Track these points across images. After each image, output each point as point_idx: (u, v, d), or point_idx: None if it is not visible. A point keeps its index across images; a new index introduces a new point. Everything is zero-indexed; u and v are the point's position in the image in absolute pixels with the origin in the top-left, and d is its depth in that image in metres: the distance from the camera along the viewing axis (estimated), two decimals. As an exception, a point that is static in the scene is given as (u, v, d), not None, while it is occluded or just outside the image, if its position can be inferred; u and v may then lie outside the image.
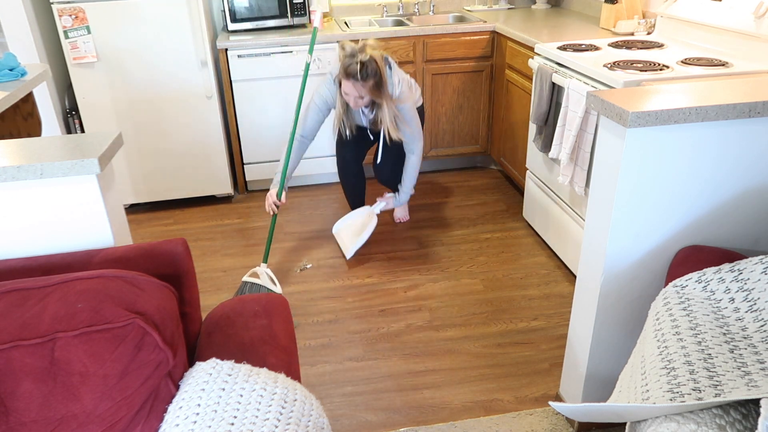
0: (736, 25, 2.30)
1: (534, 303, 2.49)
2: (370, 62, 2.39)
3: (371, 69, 2.40)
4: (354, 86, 2.44)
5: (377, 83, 2.45)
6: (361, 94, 2.47)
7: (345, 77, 2.44)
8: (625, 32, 2.92)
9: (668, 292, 1.39)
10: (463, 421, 1.92)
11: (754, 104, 1.42)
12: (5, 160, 1.31)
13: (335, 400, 2.03)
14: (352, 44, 2.43)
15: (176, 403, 1.13)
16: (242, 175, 3.55)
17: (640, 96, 1.48)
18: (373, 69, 2.41)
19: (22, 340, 1.06)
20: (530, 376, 2.10)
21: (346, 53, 2.42)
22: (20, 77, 2.21)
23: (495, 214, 3.24)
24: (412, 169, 2.79)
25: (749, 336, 1.24)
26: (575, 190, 2.40)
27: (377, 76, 2.44)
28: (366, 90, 2.46)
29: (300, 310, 2.51)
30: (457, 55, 3.40)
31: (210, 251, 2.99)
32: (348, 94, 2.51)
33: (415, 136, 2.70)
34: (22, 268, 1.29)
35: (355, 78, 2.40)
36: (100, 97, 3.16)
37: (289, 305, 1.50)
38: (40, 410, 1.06)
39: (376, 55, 2.43)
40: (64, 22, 2.97)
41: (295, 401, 1.15)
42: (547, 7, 3.88)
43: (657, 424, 1.10)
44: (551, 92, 2.58)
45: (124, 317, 1.09)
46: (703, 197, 1.54)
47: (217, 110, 3.29)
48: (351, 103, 2.54)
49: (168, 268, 1.31)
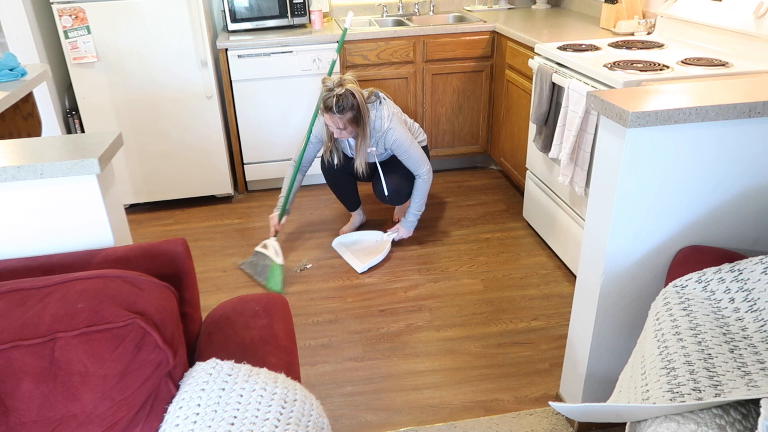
0: (736, 25, 2.30)
1: (534, 303, 2.49)
2: (345, 96, 2.50)
3: (347, 102, 2.51)
4: (332, 119, 2.57)
5: (355, 117, 2.57)
6: (339, 126, 2.59)
7: (324, 110, 2.56)
8: (625, 32, 2.92)
9: (668, 292, 1.39)
10: (463, 421, 1.92)
11: (754, 104, 1.42)
12: (5, 160, 1.31)
13: (335, 400, 2.03)
14: (331, 79, 2.56)
15: (176, 403, 1.13)
16: (242, 175, 3.55)
17: (640, 96, 1.48)
18: (349, 103, 2.52)
19: (22, 340, 1.06)
20: (530, 376, 2.10)
21: (326, 87, 2.54)
22: (20, 77, 2.21)
23: (495, 214, 3.24)
24: (419, 192, 2.84)
25: (749, 336, 1.24)
26: (575, 190, 2.40)
27: (354, 109, 2.55)
28: (343, 122, 2.57)
29: (300, 310, 2.51)
30: (457, 55, 3.40)
31: (210, 251, 2.99)
32: (330, 126, 2.62)
33: (419, 162, 2.77)
34: (22, 268, 1.29)
35: (332, 111, 2.53)
36: (100, 97, 3.16)
37: (289, 305, 1.51)
38: (40, 410, 1.06)
39: (354, 89, 2.54)
40: (64, 22, 2.97)
41: (295, 401, 1.15)
42: (547, 7, 3.88)
43: (657, 424, 1.10)
44: (551, 92, 2.58)
45: (124, 317, 1.09)
46: (702, 197, 1.54)
47: (217, 110, 3.29)
48: (335, 133, 2.65)
49: (168, 268, 1.31)
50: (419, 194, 2.84)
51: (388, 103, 2.70)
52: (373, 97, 2.65)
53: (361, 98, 2.55)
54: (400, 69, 3.39)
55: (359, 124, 2.60)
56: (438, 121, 3.57)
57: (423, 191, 2.83)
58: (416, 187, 2.83)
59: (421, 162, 2.76)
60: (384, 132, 2.66)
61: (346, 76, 2.57)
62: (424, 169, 2.78)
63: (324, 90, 2.54)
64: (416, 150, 2.75)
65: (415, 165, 2.76)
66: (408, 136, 2.72)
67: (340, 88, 2.51)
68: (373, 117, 2.64)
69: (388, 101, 2.71)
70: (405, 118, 2.87)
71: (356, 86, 2.56)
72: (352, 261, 2.83)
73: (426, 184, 2.82)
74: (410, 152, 2.73)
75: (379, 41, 3.31)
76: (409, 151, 2.72)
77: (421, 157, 2.76)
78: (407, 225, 2.90)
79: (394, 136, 2.67)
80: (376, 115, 2.64)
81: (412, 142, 2.74)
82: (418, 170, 2.78)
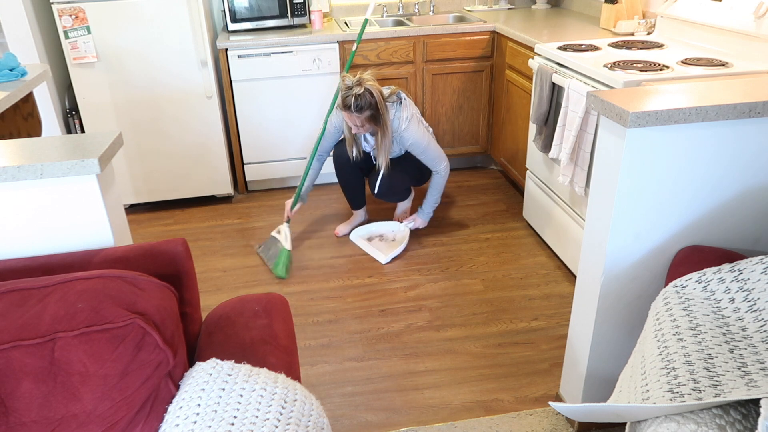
0: (736, 25, 2.30)
1: (534, 303, 2.49)
2: (363, 95, 2.53)
3: (365, 102, 2.54)
4: (350, 117, 2.60)
5: (373, 116, 2.60)
6: (357, 124, 2.62)
7: (343, 108, 2.59)
8: (625, 32, 2.92)
9: (668, 292, 1.39)
10: (463, 421, 1.92)
11: (754, 104, 1.42)
12: (5, 160, 1.31)
13: (335, 400, 2.03)
14: (350, 77, 2.58)
15: (176, 403, 1.13)
16: (242, 175, 3.55)
17: (640, 96, 1.48)
18: (367, 102, 2.55)
19: (22, 340, 1.06)
20: (530, 376, 2.10)
21: (345, 85, 2.57)
22: (20, 77, 2.21)
23: (495, 214, 3.24)
24: (437, 186, 2.93)
25: (749, 336, 1.24)
26: (575, 190, 2.40)
27: (373, 108, 2.58)
28: (361, 120, 2.60)
29: (300, 310, 2.51)
30: (457, 55, 3.40)
31: (210, 251, 2.99)
32: (348, 122, 2.66)
33: (437, 159, 2.83)
34: (22, 268, 1.29)
35: (350, 110, 2.56)
36: (100, 97, 3.16)
37: (289, 305, 1.51)
38: (40, 410, 1.06)
39: (373, 87, 2.56)
40: (64, 22, 2.97)
41: (295, 401, 1.15)
42: (547, 7, 3.88)
43: (657, 424, 1.10)
44: (551, 92, 2.58)
45: (124, 317, 1.09)
46: (702, 197, 1.54)
47: (217, 110, 3.29)
48: (354, 129, 2.68)
49: (168, 268, 1.31)
50: (436, 188, 2.93)
51: (408, 104, 2.74)
52: (394, 97, 2.68)
53: (380, 97, 2.58)
54: (400, 69, 3.39)
55: (378, 123, 2.63)
56: (438, 121, 3.58)
57: (440, 185, 2.92)
58: (434, 181, 2.91)
59: (439, 159, 2.83)
60: (400, 133, 2.71)
61: (365, 74, 2.60)
62: (442, 166, 2.85)
63: (343, 87, 2.57)
64: (434, 148, 2.81)
65: (433, 162, 2.83)
66: (425, 137, 2.77)
67: (359, 87, 2.53)
68: (391, 117, 2.67)
69: (408, 102, 2.75)
70: (424, 123, 2.90)
71: (375, 84, 2.59)
72: (374, 253, 2.88)
73: (444, 179, 2.90)
74: (428, 152, 2.79)
75: (379, 41, 3.31)
76: (428, 151, 2.79)
77: (440, 155, 2.83)
78: (423, 216, 3.00)
79: (411, 139, 2.73)
80: (394, 116, 2.68)
81: (430, 141, 2.79)
82: (436, 167, 2.85)
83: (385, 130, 2.67)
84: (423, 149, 2.77)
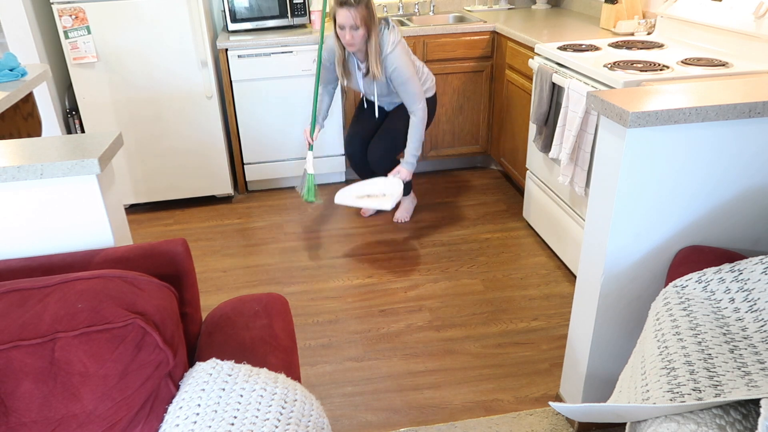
0: (736, 25, 2.30)
1: (534, 303, 2.49)
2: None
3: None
4: (348, 14, 2.57)
5: (367, 6, 2.60)
6: (352, 24, 2.59)
7: (339, 6, 2.58)
8: (625, 32, 2.92)
9: (668, 292, 1.39)
10: (463, 421, 1.92)
11: (754, 104, 1.42)
12: (5, 160, 1.31)
13: (335, 400, 2.03)
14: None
15: (176, 404, 1.13)
16: (242, 175, 3.55)
17: (640, 96, 1.48)
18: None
19: (22, 340, 1.06)
20: (530, 376, 2.10)
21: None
22: (20, 77, 2.21)
23: (495, 214, 3.24)
24: (415, 131, 2.83)
25: (749, 336, 1.24)
26: (575, 190, 2.40)
27: (368, 4, 2.60)
28: (358, 17, 2.58)
29: (300, 310, 2.51)
30: (457, 55, 3.40)
31: (210, 251, 2.99)
32: (344, 28, 2.61)
33: (416, 97, 2.77)
34: (22, 268, 1.29)
35: (348, 4, 2.55)
36: (100, 97, 3.16)
37: (289, 305, 1.51)
38: (40, 410, 1.06)
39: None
40: (64, 22, 2.97)
41: (295, 401, 1.15)
42: (547, 7, 3.88)
43: (657, 425, 1.10)
44: (551, 92, 2.58)
45: (124, 317, 1.09)
46: (702, 197, 1.54)
47: (217, 110, 3.29)
48: (347, 39, 2.63)
49: (168, 268, 1.31)
50: (415, 134, 2.84)
51: (396, 32, 2.72)
52: (383, 22, 2.69)
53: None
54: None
55: (371, 24, 2.62)
56: (438, 121, 3.57)
57: (419, 130, 2.83)
58: (412, 125, 2.84)
59: (417, 98, 2.77)
60: (386, 55, 2.68)
61: None
62: (419, 106, 2.79)
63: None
64: (415, 85, 2.76)
65: (411, 100, 2.78)
66: (410, 69, 2.74)
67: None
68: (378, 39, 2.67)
69: (396, 30, 2.72)
70: (414, 58, 2.87)
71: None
72: (373, 204, 2.80)
73: (421, 123, 2.82)
74: (408, 84, 2.74)
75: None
76: (408, 83, 2.74)
77: (419, 92, 2.77)
78: (407, 166, 2.90)
79: (395, 64, 2.69)
80: (381, 38, 2.67)
81: (413, 76, 2.75)
82: (413, 106, 2.79)
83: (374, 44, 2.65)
84: (404, 80, 2.72)
